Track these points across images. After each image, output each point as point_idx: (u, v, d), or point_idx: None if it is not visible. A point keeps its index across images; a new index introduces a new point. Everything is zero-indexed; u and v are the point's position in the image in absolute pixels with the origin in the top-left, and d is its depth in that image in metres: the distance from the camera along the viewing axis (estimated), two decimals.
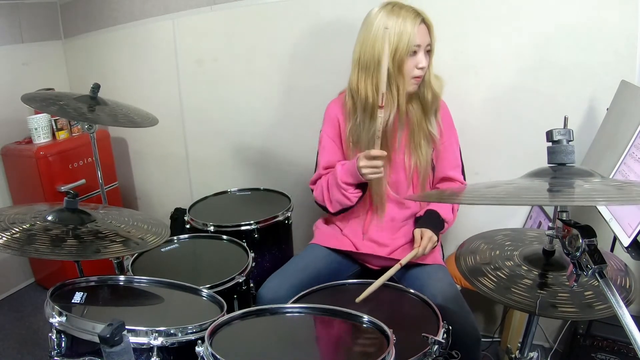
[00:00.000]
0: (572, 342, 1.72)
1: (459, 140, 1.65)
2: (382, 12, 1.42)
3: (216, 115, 2.45)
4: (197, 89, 2.45)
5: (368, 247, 1.61)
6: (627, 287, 1.01)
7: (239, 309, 1.29)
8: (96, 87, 1.86)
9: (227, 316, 1.15)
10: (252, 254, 1.67)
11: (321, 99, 1.68)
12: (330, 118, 1.63)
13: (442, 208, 1.59)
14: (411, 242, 1.60)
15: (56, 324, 1.11)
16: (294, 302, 1.32)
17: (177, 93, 2.49)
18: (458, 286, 1.57)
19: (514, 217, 1.99)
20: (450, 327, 1.23)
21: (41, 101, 1.77)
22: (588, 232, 0.83)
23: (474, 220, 1.91)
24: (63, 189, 2.33)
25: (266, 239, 1.85)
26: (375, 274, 1.57)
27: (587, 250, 0.82)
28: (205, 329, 1.10)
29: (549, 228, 1.00)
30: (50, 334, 1.13)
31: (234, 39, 2.27)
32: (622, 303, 0.77)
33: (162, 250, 1.70)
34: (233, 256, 1.68)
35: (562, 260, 1.04)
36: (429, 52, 1.47)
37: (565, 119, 1.02)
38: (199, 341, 1.06)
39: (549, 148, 0.90)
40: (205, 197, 2.12)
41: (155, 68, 2.51)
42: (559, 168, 0.88)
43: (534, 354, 1.13)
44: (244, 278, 1.55)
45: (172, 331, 1.12)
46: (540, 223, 1.81)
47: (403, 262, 1.43)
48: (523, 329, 1.22)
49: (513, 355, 1.15)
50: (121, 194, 2.76)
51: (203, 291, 1.37)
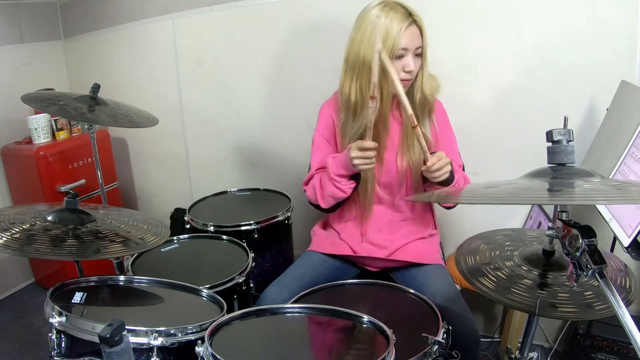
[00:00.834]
0: (572, 342, 1.72)
1: (456, 140, 1.62)
2: (374, 10, 1.39)
3: (216, 115, 2.45)
4: (197, 89, 2.45)
5: (367, 249, 1.59)
6: (627, 287, 1.01)
7: (239, 309, 1.29)
8: (96, 87, 1.86)
9: (227, 316, 1.15)
10: (252, 254, 1.67)
11: (321, 99, 1.68)
12: (324, 118, 1.61)
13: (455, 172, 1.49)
14: (411, 242, 1.60)
15: (56, 324, 1.11)
16: (293, 303, 1.32)
17: (177, 93, 2.49)
18: (458, 286, 1.57)
19: (514, 217, 1.99)
20: (450, 327, 1.23)
21: (41, 101, 1.77)
22: (588, 232, 0.83)
23: (474, 220, 1.92)
24: (63, 189, 2.33)
25: (266, 239, 1.85)
26: (374, 276, 1.58)
27: (587, 250, 0.82)
28: (205, 329, 1.10)
29: (549, 228, 1.00)
30: (50, 334, 1.13)
31: (234, 39, 2.27)
32: (622, 303, 0.77)
33: (162, 250, 1.70)
34: (233, 256, 1.68)
35: (562, 260, 1.04)
36: (420, 55, 1.42)
37: (565, 119, 1.02)
38: (199, 341, 1.06)
39: (549, 148, 0.90)
40: (205, 197, 2.12)
41: (155, 68, 2.51)
42: (559, 168, 0.88)
43: (534, 354, 1.13)
44: (244, 278, 1.55)
45: (172, 331, 1.12)
46: (540, 223, 1.81)
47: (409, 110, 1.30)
48: (523, 329, 1.22)
49: (513, 356, 1.15)
50: (121, 194, 2.76)
51: (203, 291, 1.37)
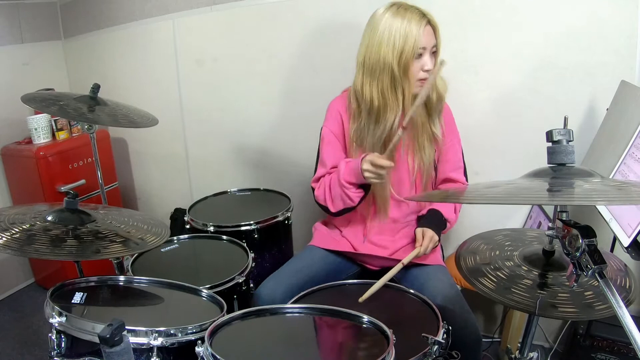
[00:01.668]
0: (572, 342, 1.72)
1: (461, 141, 1.65)
2: (388, 13, 1.40)
3: (216, 115, 2.45)
4: (197, 89, 2.45)
5: (368, 248, 1.60)
6: (627, 287, 1.01)
7: (239, 309, 1.29)
8: (96, 87, 1.86)
9: (227, 316, 1.15)
10: (252, 254, 1.67)
11: (321, 99, 1.68)
12: (333, 115, 1.61)
13: (444, 207, 1.59)
14: (412, 243, 1.60)
15: (56, 324, 1.11)
16: (294, 303, 1.32)
17: (177, 93, 2.49)
18: (458, 286, 1.57)
19: (514, 217, 1.99)
20: (450, 327, 1.23)
21: (41, 101, 1.77)
22: (588, 232, 0.83)
23: (474, 220, 1.91)
24: (63, 189, 2.33)
25: (266, 239, 1.84)
26: (374, 275, 1.57)
27: (587, 251, 0.82)
28: (205, 329, 1.10)
29: (549, 228, 1.00)
30: (50, 334, 1.13)
31: (234, 39, 2.27)
32: (622, 303, 0.77)
33: (162, 250, 1.70)
34: (233, 256, 1.68)
35: (562, 260, 1.04)
36: (434, 54, 1.45)
37: (565, 119, 1.02)
38: (199, 341, 1.06)
39: (549, 148, 0.90)
40: (205, 197, 2.12)
41: (155, 68, 2.51)
42: (559, 168, 0.88)
43: (534, 354, 1.13)
44: (244, 278, 1.55)
45: (172, 331, 1.12)
46: (540, 223, 1.81)
47: (405, 261, 1.43)
48: (523, 329, 1.22)
49: (513, 356, 1.15)
50: (121, 194, 2.76)
51: (203, 291, 1.37)
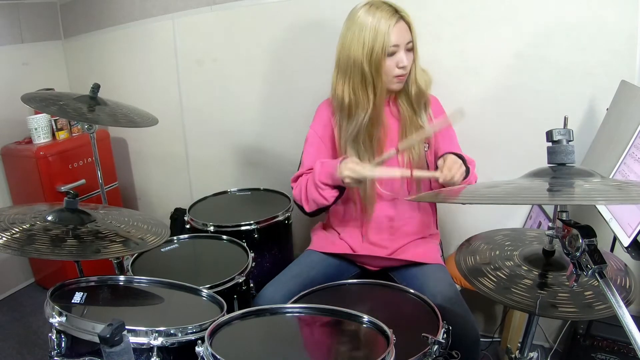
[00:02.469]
0: (572, 342, 1.72)
1: (455, 133, 1.62)
2: (361, 11, 1.41)
3: (216, 115, 2.45)
4: (197, 89, 2.45)
5: (367, 249, 1.59)
6: (627, 287, 1.01)
7: (239, 309, 1.29)
8: (96, 87, 1.86)
9: (227, 316, 1.15)
10: (252, 254, 1.67)
11: (321, 99, 1.68)
12: (321, 117, 1.61)
13: (466, 158, 1.47)
14: (412, 242, 1.60)
15: (56, 324, 1.11)
16: (293, 302, 1.32)
17: (177, 93, 2.49)
18: (458, 286, 1.57)
19: (514, 217, 1.99)
20: (450, 327, 1.23)
21: (41, 101, 1.77)
22: (588, 232, 0.83)
23: (474, 220, 1.92)
24: (63, 189, 2.33)
25: (266, 239, 1.84)
26: (374, 275, 1.57)
27: (587, 250, 0.82)
28: (205, 329, 1.10)
29: (549, 228, 1.00)
30: (50, 334, 1.13)
31: (234, 39, 2.27)
32: (622, 303, 0.77)
33: (162, 250, 1.70)
34: (233, 256, 1.68)
35: (562, 260, 1.04)
36: (411, 50, 1.44)
37: (565, 119, 1.02)
38: (199, 341, 1.06)
39: (549, 148, 0.90)
40: (205, 197, 2.12)
41: (155, 68, 2.51)
42: (558, 168, 0.88)
43: (534, 354, 1.13)
44: (244, 278, 1.55)
45: (172, 331, 1.12)
46: (540, 223, 1.81)
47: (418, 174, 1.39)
48: (523, 329, 1.22)
49: (513, 355, 1.15)
50: (121, 194, 2.76)
51: (203, 291, 1.37)
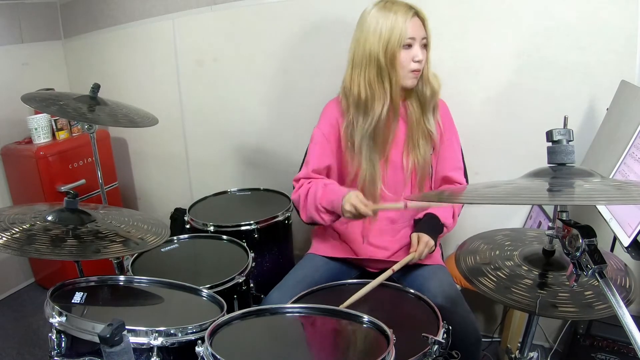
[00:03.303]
0: (572, 342, 1.72)
1: (460, 141, 1.63)
2: (374, 9, 1.42)
3: (216, 115, 2.45)
4: (197, 89, 2.45)
5: (368, 251, 1.58)
6: (627, 287, 1.01)
7: (239, 309, 1.30)
8: (96, 87, 1.86)
9: (227, 316, 1.15)
10: (252, 254, 1.67)
11: (321, 99, 1.67)
12: (328, 117, 1.59)
13: (442, 212, 1.55)
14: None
15: (56, 324, 1.11)
16: (294, 302, 1.32)
17: (177, 93, 2.49)
18: (458, 286, 1.57)
19: (514, 217, 1.99)
20: (450, 327, 1.23)
21: (41, 101, 1.77)
22: (588, 232, 0.83)
23: (474, 220, 1.91)
24: (63, 189, 2.33)
25: (266, 239, 1.85)
26: (375, 276, 1.56)
27: (587, 250, 0.82)
28: (205, 329, 1.10)
29: (549, 228, 1.00)
30: (50, 334, 1.13)
31: (234, 39, 2.27)
32: (622, 303, 0.77)
33: (162, 250, 1.70)
34: (233, 256, 1.68)
35: (562, 260, 1.04)
36: (425, 47, 1.45)
37: (565, 119, 1.02)
38: (199, 341, 1.06)
39: (549, 148, 0.90)
40: (205, 197, 2.12)
41: (155, 68, 2.51)
42: (558, 168, 0.88)
43: (534, 354, 1.13)
44: (244, 278, 1.55)
45: (172, 331, 1.12)
46: (540, 223, 1.81)
47: (396, 267, 1.40)
48: (523, 329, 1.22)
49: (513, 355, 1.15)
50: (121, 194, 2.76)
51: (203, 291, 1.37)
